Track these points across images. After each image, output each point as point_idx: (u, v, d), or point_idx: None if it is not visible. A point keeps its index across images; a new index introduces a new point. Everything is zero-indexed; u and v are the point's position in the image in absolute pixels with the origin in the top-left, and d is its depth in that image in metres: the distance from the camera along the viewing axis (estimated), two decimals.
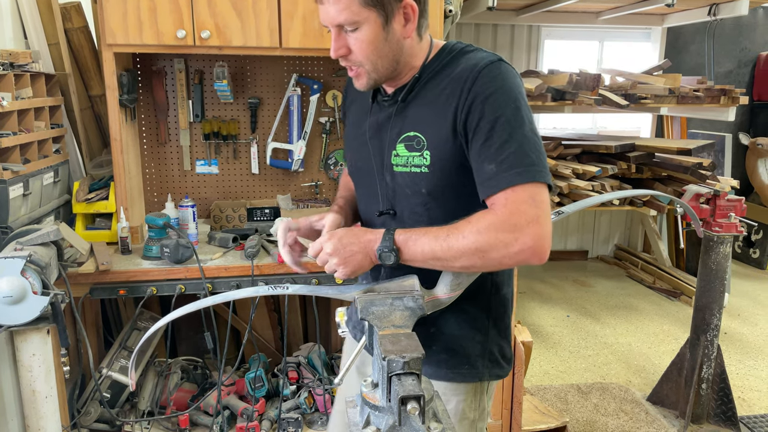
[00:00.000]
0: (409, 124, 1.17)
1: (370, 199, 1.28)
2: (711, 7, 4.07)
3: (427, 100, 1.16)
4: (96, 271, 1.96)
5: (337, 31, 1.10)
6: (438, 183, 1.14)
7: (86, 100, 2.50)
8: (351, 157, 1.34)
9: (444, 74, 1.15)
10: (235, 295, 1.14)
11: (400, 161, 1.18)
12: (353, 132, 1.33)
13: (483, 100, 1.07)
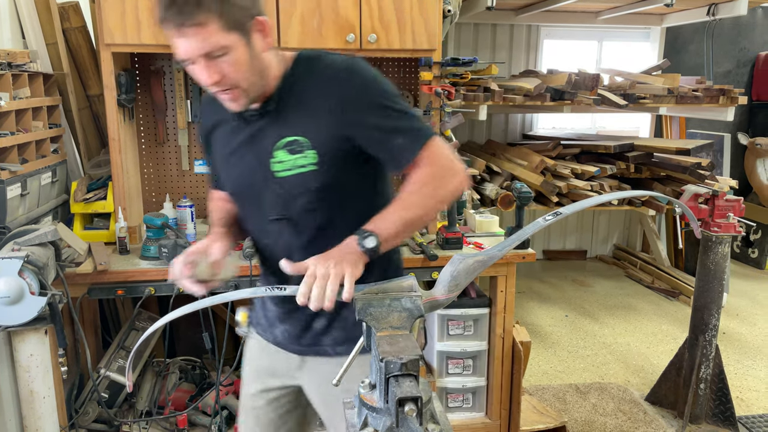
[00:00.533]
0: (285, 131, 1.22)
1: (258, 211, 1.30)
2: (710, 7, 4.07)
3: (297, 105, 1.22)
4: (94, 272, 1.95)
5: (205, 60, 1.11)
6: (328, 177, 1.22)
7: (84, 99, 2.50)
8: (227, 178, 1.35)
9: (311, 79, 1.22)
10: (233, 295, 1.13)
11: (283, 167, 1.22)
12: (223, 154, 1.33)
13: (358, 96, 1.19)
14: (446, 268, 1.21)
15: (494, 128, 4.94)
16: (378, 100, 1.21)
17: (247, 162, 1.27)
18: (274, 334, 1.41)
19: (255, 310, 1.47)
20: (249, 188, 1.29)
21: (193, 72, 1.14)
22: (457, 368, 2.44)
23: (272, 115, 1.23)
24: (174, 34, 1.09)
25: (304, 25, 2.15)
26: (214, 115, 1.33)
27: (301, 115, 1.22)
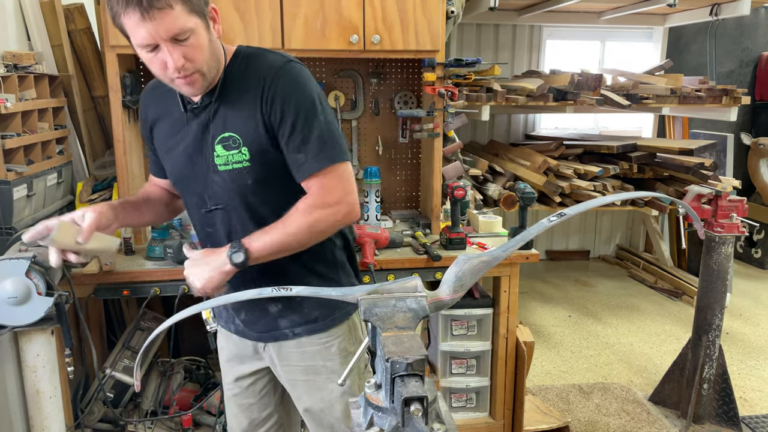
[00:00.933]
0: (222, 126, 1.27)
1: (199, 200, 1.35)
2: (713, 7, 4.07)
3: (234, 101, 1.26)
4: (100, 272, 1.97)
5: (171, 44, 1.14)
6: (261, 172, 1.27)
7: (89, 101, 2.51)
8: (171, 167, 1.38)
9: (244, 76, 1.26)
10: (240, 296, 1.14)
11: (221, 161, 1.28)
12: (168, 144, 1.37)
13: (283, 98, 1.22)
14: (451, 268, 1.22)
15: (497, 128, 4.95)
16: (298, 107, 1.23)
17: (190, 153, 1.32)
18: (235, 324, 1.48)
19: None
20: (193, 179, 1.34)
21: (153, 60, 1.16)
22: (460, 368, 2.44)
23: (213, 109, 1.28)
24: (137, 21, 1.10)
25: (307, 27, 2.16)
26: (155, 108, 1.38)
27: (237, 111, 1.26)
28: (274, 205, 1.31)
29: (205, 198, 1.34)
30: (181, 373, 2.46)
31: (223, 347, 1.57)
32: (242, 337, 1.49)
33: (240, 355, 1.52)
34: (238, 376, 1.54)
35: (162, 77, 1.20)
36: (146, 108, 1.41)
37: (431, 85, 2.31)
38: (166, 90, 1.32)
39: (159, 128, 1.39)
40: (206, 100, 1.28)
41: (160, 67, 1.17)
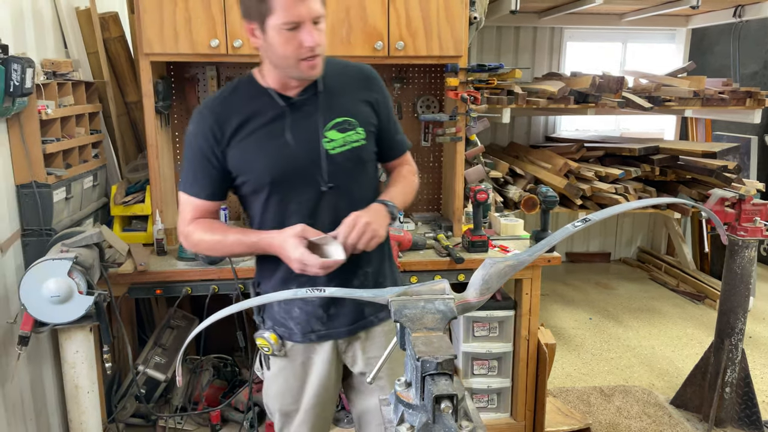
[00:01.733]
0: (333, 112, 1.42)
1: (312, 186, 1.42)
2: (736, 9, 4.04)
3: (340, 92, 1.44)
4: (134, 272, 2.04)
5: (311, 25, 1.28)
6: (370, 150, 1.48)
7: (123, 106, 2.60)
8: (273, 162, 1.40)
9: (339, 73, 1.46)
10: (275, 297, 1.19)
11: (336, 144, 1.41)
12: (263, 142, 1.40)
13: (384, 94, 1.51)
14: (478, 271, 1.26)
15: (517, 130, 4.96)
16: (390, 102, 1.54)
17: (299, 142, 1.40)
18: (316, 330, 1.50)
19: (281, 322, 1.52)
20: (303, 166, 1.41)
21: (290, 38, 1.28)
22: (482, 369, 2.48)
23: (318, 99, 1.41)
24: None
25: (333, 35, 2.21)
26: (237, 115, 1.40)
27: (343, 99, 1.44)
28: (368, 186, 1.50)
29: (317, 182, 1.42)
30: (209, 371, 2.53)
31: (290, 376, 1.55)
32: (325, 340, 1.51)
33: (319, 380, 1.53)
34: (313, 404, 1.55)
35: (291, 56, 1.30)
36: (217, 119, 1.40)
37: (454, 90, 2.34)
38: (241, 95, 1.41)
39: (245, 132, 1.40)
40: (307, 93, 1.40)
41: (294, 46, 1.28)
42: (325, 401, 1.57)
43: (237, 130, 1.40)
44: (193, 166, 1.42)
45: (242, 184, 1.43)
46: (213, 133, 1.39)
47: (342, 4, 2.20)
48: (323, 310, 1.49)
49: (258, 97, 1.40)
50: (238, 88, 1.43)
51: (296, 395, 1.57)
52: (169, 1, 2.11)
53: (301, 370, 1.54)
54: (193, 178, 1.43)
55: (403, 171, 1.57)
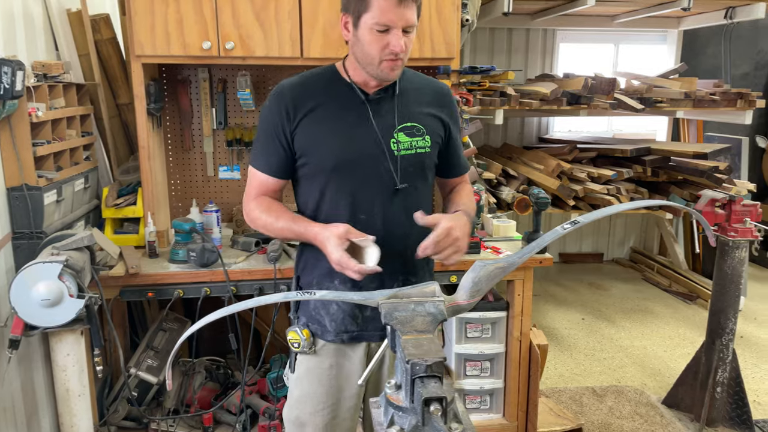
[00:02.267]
0: (405, 117, 1.49)
1: (371, 181, 1.47)
2: (727, 10, 4.07)
3: (415, 100, 1.51)
4: (126, 274, 2.04)
5: (400, 31, 1.36)
6: (432, 160, 1.54)
7: (114, 108, 2.59)
8: (338, 150, 1.45)
9: (417, 84, 1.54)
10: (265, 300, 1.20)
11: (402, 146, 1.47)
12: (333, 128, 1.45)
13: (455, 114, 1.60)
14: (468, 274, 1.26)
15: (510, 132, 4.98)
16: (458, 122, 1.64)
17: (369, 136, 1.46)
18: (349, 330, 1.53)
19: (315, 319, 1.55)
20: (367, 159, 1.46)
21: (378, 38, 1.35)
22: (474, 370, 2.48)
23: (393, 101, 1.48)
24: (394, 4, 1.32)
25: (326, 37, 2.22)
26: (311, 99, 1.46)
27: (417, 107, 1.50)
28: (424, 193, 1.55)
29: (388, 178, 1.47)
30: (202, 373, 2.53)
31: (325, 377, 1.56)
32: (357, 342, 1.54)
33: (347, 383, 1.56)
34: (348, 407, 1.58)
35: (375, 55, 1.37)
36: (293, 99, 1.45)
37: None
38: (322, 82, 1.49)
39: (318, 115, 1.45)
40: (384, 93, 1.47)
41: (379, 47, 1.36)
42: (348, 412, 1.58)
43: (310, 111, 1.45)
44: (264, 141, 1.48)
45: (303, 166, 1.48)
46: (287, 110, 1.45)
47: (335, 6, 2.20)
48: (359, 310, 1.51)
49: (338, 87, 1.47)
50: (321, 75, 1.50)
51: (317, 403, 1.55)
52: (160, 3, 2.11)
53: (327, 374, 1.54)
54: (261, 153, 1.49)
55: (465, 189, 1.64)
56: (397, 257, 1.50)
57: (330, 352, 1.54)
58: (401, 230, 1.49)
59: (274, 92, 1.49)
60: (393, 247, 1.48)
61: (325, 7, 2.20)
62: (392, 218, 1.49)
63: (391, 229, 1.48)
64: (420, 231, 1.51)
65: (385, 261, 1.46)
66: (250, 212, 1.52)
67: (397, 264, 1.51)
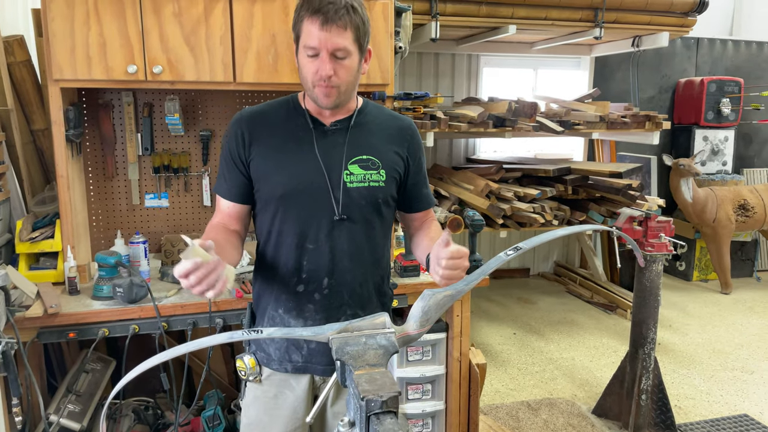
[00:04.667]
0: (360, 149, 1.47)
1: (316, 212, 1.45)
2: (634, 39, 4.39)
3: (373, 133, 1.50)
4: (44, 315, 1.88)
5: (329, 56, 1.34)
6: (388, 194, 1.50)
7: (28, 134, 2.42)
8: (287, 179, 1.44)
9: (380, 117, 1.54)
10: (210, 341, 1.14)
11: (355, 178, 1.45)
12: (284, 157, 1.45)
13: (418, 148, 1.57)
14: (417, 303, 1.26)
15: (439, 152, 5.09)
16: (423, 158, 1.60)
17: (317, 167, 1.44)
18: (293, 361, 1.50)
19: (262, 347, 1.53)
20: (315, 189, 1.44)
21: (309, 63, 1.35)
22: (416, 393, 2.48)
23: (349, 133, 1.47)
24: (317, 27, 1.31)
25: (259, 61, 2.18)
26: (262, 128, 1.46)
27: (374, 140, 1.50)
28: (380, 228, 1.52)
29: (330, 209, 1.45)
30: (129, 416, 2.37)
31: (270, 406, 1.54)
32: (302, 373, 1.51)
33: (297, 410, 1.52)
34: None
35: (308, 79, 1.38)
36: (249, 126, 1.47)
37: None
38: (279, 111, 1.49)
39: (272, 144, 1.45)
40: (340, 124, 1.47)
41: (312, 71, 1.36)
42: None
43: (265, 140, 1.46)
44: (225, 166, 1.49)
45: (257, 192, 1.48)
46: (243, 137, 1.46)
47: (268, 30, 2.17)
48: (305, 341, 1.49)
49: (294, 116, 1.48)
50: (282, 103, 1.51)
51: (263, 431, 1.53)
52: (81, 25, 2.00)
53: (272, 404, 1.53)
54: (223, 179, 1.50)
55: (436, 226, 1.61)
56: (345, 289, 1.48)
57: (275, 382, 1.53)
58: (349, 263, 1.47)
59: (234, 119, 1.50)
60: (341, 278, 1.47)
61: (258, 31, 2.16)
62: (340, 249, 1.46)
63: (339, 260, 1.46)
64: (370, 264, 1.52)
65: (333, 293, 1.48)
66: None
67: (345, 296, 1.49)
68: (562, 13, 3.82)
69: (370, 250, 1.51)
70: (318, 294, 1.47)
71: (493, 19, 3.72)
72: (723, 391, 3.37)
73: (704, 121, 5.38)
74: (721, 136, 5.51)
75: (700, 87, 5.33)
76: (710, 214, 4.95)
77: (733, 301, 4.95)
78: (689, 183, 4.87)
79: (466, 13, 3.64)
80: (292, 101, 1.51)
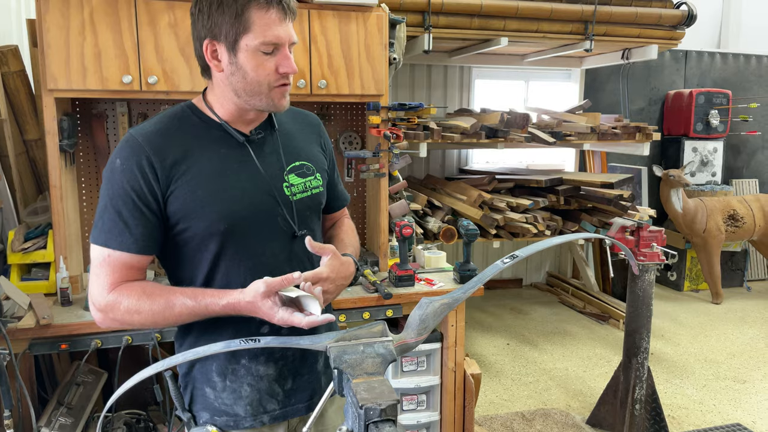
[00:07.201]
0: (292, 156, 1.34)
1: (269, 237, 1.27)
2: (624, 52, 4.45)
3: (295, 135, 1.37)
4: (36, 326, 1.86)
5: (288, 50, 1.22)
6: (324, 198, 1.40)
7: (21, 145, 2.41)
8: (230, 205, 1.22)
9: (290, 116, 1.39)
10: (206, 350, 1.13)
11: (296, 189, 1.32)
12: (215, 181, 1.21)
13: (329, 142, 1.48)
14: (414, 311, 1.26)
15: (432, 163, 5.11)
16: (333, 151, 1.50)
17: (258, 184, 1.26)
18: (269, 411, 1.32)
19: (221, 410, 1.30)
20: (262, 212, 1.26)
21: (265, 61, 1.19)
22: (411, 404, 2.47)
23: (274, 139, 1.32)
24: (278, 19, 1.18)
25: None
26: (176, 151, 1.20)
27: (297, 143, 1.36)
28: (320, 236, 1.42)
29: (283, 227, 1.29)
30: (121, 429, 2.34)
31: None
32: (281, 420, 1.32)
33: None
34: None
35: (263, 81, 1.20)
36: (155, 153, 1.18)
37: (376, 128, 2.38)
38: (185, 126, 1.24)
39: (193, 169, 1.20)
40: (263, 131, 1.31)
41: (269, 71, 1.20)
42: None
43: (182, 164, 1.19)
44: (123, 209, 1.15)
45: (182, 233, 1.20)
46: (152, 166, 1.16)
47: None
48: (279, 386, 1.31)
49: (206, 130, 1.24)
50: (181, 117, 1.24)
51: None
52: (76, 35, 2.00)
53: None
54: (121, 227, 1.15)
55: (348, 223, 1.52)
56: None
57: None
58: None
59: (128, 147, 1.17)
60: None
61: None
62: (300, 270, 1.25)
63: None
64: None
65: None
66: (114, 308, 1.16)
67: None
68: (553, 26, 3.87)
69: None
70: (285, 328, 1.24)
71: (485, 31, 3.76)
72: (716, 401, 3.38)
73: (693, 132, 5.45)
74: (710, 148, 5.57)
75: (689, 99, 5.41)
76: (700, 224, 4.99)
77: (724, 310, 4.98)
78: (679, 194, 4.91)
79: (459, 26, 3.68)
80: (192, 112, 1.26)
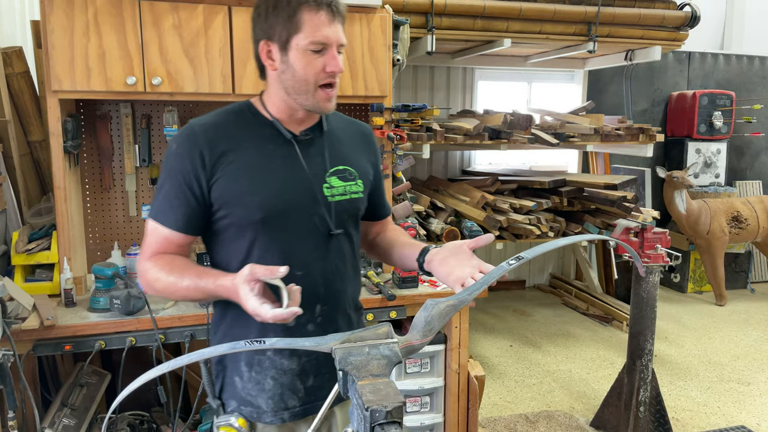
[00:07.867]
0: (337, 160, 1.37)
1: (303, 233, 1.31)
2: (627, 53, 4.44)
3: (342, 141, 1.40)
4: (40, 327, 1.86)
5: (336, 51, 1.26)
6: (364, 206, 1.42)
7: (25, 146, 2.41)
8: (261, 199, 1.26)
9: (342, 124, 1.43)
10: (211, 352, 1.13)
11: (336, 191, 1.35)
12: (258, 174, 1.27)
13: (378, 153, 1.51)
14: (420, 313, 1.26)
15: (435, 164, 5.11)
16: (381, 163, 1.58)
17: (299, 182, 1.31)
18: (290, 407, 1.34)
19: (247, 400, 1.34)
20: (299, 208, 1.30)
21: (314, 60, 1.24)
22: (414, 406, 2.47)
23: (322, 141, 1.35)
24: (327, 20, 1.23)
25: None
26: (227, 143, 1.27)
27: (345, 149, 1.40)
28: (357, 240, 1.44)
29: (319, 225, 1.33)
30: (125, 430, 2.34)
31: None
32: (301, 418, 1.34)
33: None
34: None
35: (309, 80, 1.25)
36: (208, 142, 1.25)
37: (380, 129, 2.38)
38: (240, 120, 1.31)
39: (240, 160, 1.27)
40: (312, 133, 1.34)
41: (318, 70, 1.24)
42: None
43: (229, 156, 1.26)
44: (171, 191, 1.24)
45: (222, 219, 1.27)
46: (201, 156, 1.24)
47: None
48: (301, 382, 1.33)
49: (260, 126, 1.31)
50: (238, 113, 1.32)
51: None
52: (81, 36, 2.00)
53: None
54: (168, 205, 1.25)
55: (400, 231, 1.55)
56: (337, 312, 1.37)
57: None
58: (342, 283, 1.36)
59: (184, 134, 1.27)
60: (333, 302, 1.35)
61: None
62: (331, 270, 1.34)
63: (332, 282, 1.34)
64: (356, 282, 1.43)
65: (326, 320, 1.34)
66: (146, 273, 1.25)
67: (338, 320, 1.37)
68: (556, 27, 3.86)
69: (354, 266, 1.41)
70: (312, 324, 1.32)
71: (488, 32, 3.76)
72: (720, 403, 3.37)
73: (697, 133, 5.44)
74: (713, 149, 5.56)
75: (693, 100, 5.40)
76: (704, 226, 4.98)
77: (728, 312, 4.97)
78: (683, 195, 4.90)
79: (462, 27, 3.68)
80: (247, 110, 1.33)
